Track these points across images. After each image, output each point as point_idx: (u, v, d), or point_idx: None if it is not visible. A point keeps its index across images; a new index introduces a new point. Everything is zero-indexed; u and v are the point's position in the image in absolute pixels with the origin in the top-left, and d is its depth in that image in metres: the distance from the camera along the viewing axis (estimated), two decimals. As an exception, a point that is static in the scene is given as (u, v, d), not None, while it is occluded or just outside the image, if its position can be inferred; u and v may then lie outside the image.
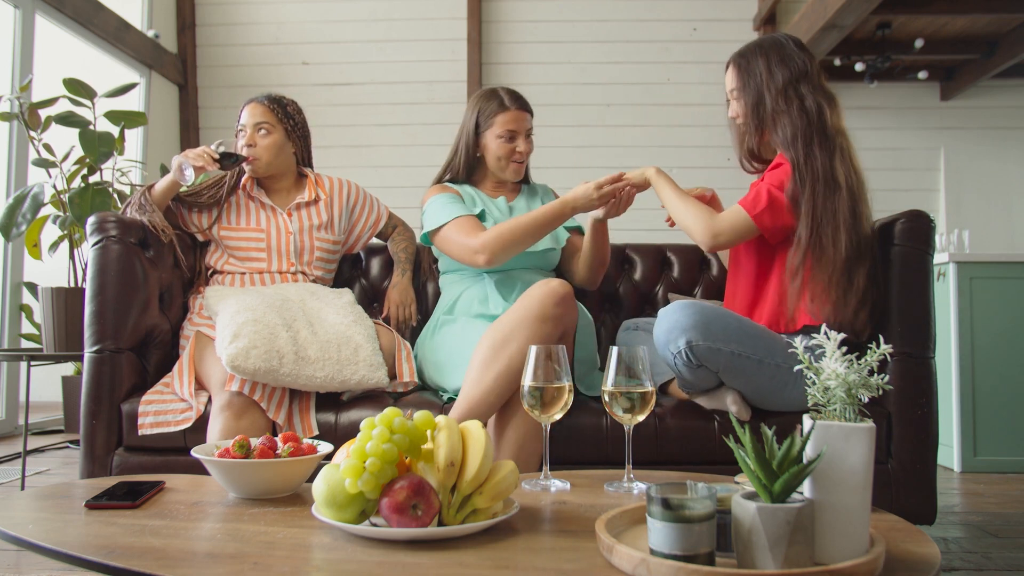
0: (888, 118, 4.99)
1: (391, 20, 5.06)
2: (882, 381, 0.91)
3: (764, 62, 1.79)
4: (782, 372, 1.65)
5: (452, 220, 1.96)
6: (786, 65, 1.77)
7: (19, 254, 3.63)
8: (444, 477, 0.98)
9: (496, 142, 2.04)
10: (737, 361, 1.62)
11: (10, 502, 1.20)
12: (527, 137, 2.08)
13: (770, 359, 1.65)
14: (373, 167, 4.98)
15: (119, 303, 1.83)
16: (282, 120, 2.13)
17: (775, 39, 1.83)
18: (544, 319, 1.61)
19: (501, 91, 2.07)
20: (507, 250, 1.88)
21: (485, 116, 2.05)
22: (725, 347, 1.61)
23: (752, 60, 1.81)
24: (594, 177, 1.92)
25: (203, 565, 0.89)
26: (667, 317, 1.63)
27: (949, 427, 2.96)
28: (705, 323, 1.60)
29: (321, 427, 1.76)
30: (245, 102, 2.14)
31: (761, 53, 1.80)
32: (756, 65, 1.80)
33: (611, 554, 0.86)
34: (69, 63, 4.18)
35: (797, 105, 1.73)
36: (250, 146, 2.09)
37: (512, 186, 2.20)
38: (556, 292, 1.63)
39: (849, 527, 0.85)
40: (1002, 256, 3.01)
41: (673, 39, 5.01)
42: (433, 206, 2.03)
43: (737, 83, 1.84)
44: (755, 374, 1.65)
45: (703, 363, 1.62)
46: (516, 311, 1.63)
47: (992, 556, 1.84)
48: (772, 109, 1.76)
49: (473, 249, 1.89)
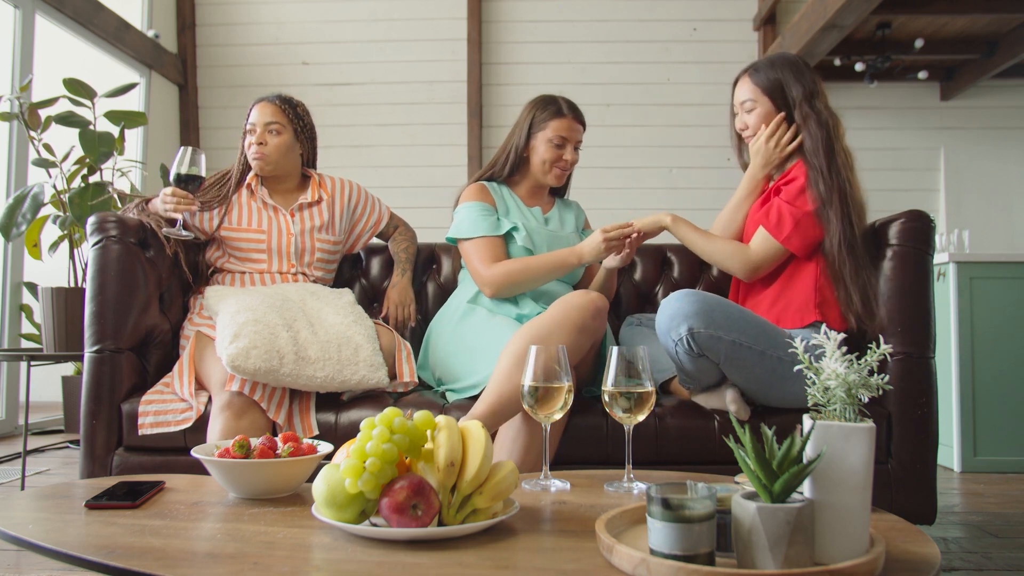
0: (888, 118, 4.99)
1: (391, 20, 5.06)
2: (882, 381, 0.91)
3: (779, 76, 1.86)
4: (784, 365, 1.66)
5: (478, 238, 2.00)
6: (800, 81, 1.84)
7: (19, 254, 3.63)
8: (444, 477, 0.98)
9: (545, 145, 2.06)
10: (738, 351, 1.63)
11: (10, 502, 1.20)
12: (576, 148, 2.10)
13: (772, 351, 1.66)
14: (373, 167, 4.98)
15: (119, 303, 1.83)
16: (292, 121, 2.13)
17: (787, 57, 1.90)
18: (582, 329, 1.65)
19: (561, 99, 2.10)
20: (513, 290, 1.95)
21: (541, 119, 2.07)
22: (727, 335, 1.62)
23: (769, 73, 1.87)
24: (594, 177, 1.93)
25: (203, 565, 0.89)
26: (669, 305, 1.65)
27: (949, 427, 2.96)
28: (707, 311, 1.62)
29: (321, 427, 1.76)
30: (255, 101, 2.14)
31: (776, 68, 1.87)
32: (772, 77, 1.87)
33: (611, 554, 0.86)
34: (69, 63, 4.18)
35: (815, 119, 1.81)
36: (260, 144, 2.09)
37: (547, 197, 2.21)
38: (596, 304, 1.67)
39: (849, 527, 0.85)
40: (1002, 256, 3.01)
41: (673, 39, 5.02)
42: (465, 214, 2.04)
43: (753, 94, 1.89)
44: (756, 365, 1.65)
45: (704, 352, 1.63)
46: (554, 316, 1.65)
47: (992, 556, 1.84)
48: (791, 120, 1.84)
49: (482, 280, 1.96)
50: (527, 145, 2.09)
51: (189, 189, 1.91)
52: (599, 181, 4.81)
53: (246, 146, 2.11)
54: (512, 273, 1.93)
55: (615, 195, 4.84)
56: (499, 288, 1.94)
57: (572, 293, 1.70)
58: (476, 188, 2.09)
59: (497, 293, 1.95)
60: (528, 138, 2.08)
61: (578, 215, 2.23)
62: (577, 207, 2.27)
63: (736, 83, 1.95)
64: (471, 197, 2.07)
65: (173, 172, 1.90)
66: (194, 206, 1.92)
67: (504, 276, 1.93)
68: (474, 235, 2.00)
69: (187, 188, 1.91)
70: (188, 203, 1.90)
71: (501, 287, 1.94)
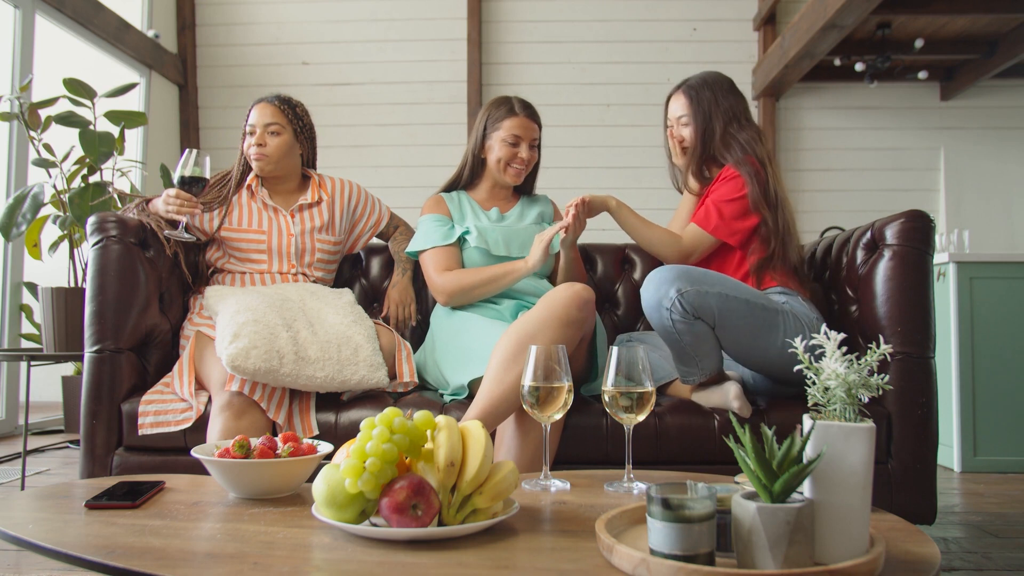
0: (888, 118, 4.99)
1: (391, 20, 5.06)
2: (882, 381, 0.91)
3: (711, 93, 2.02)
4: (770, 313, 1.73)
5: (429, 249, 2.06)
6: (729, 98, 2.03)
7: (19, 254, 3.63)
8: (444, 477, 0.98)
9: (500, 144, 2.10)
10: (727, 303, 1.70)
11: (10, 502, 1.20)
12: (531, 147, 2.13)
13: (755, 300, 1.74)
14: (373, 167, 4.98)
15: (119, 303, 1.83)
16: (292, 121, 2.14)
17: (718, 75, 2.08)
18: (569, 323, 1.64)
19: (514, 99, 2.14)
20: (464, 296, 2.01)
21: (495, 118, 2.11)
22: (712, 289, 1.69)
23: (701, 90, 2.03)
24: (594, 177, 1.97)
25: (203, 565, 0.89)
26: (652, 279, 1.73)
27: (949, 427, 2.96)
28: (688, 272, 1.71)
29: (321, 427, 1.76)
30: (255, 102, 2.14)
31: (707, 85, 2.04)
32: (704, 95, 2.02)
33: (611, 554, 0.86)
34: (69, 63, 4.18)
35: (745, 132, 1.99)
36: (260, 145, 2.09)
37: (509, 196, 2.23)
38: (581, 296, 1.67)
39: (849, 527, 0.85)
40: (1002, 256, 3.01)
41: (673, 39, 5.01)
42: (421, 227, 2.13)
43: (688, 109, 2.04)
44: (746, 315, 1.71)
45: (697, 312, 1.68)
46: (540, 312, 1.65)
47: (992, 556, 1.84)
48: (722, 135, 2.00)
49: (435, 288, 2.04)
50: (483, 147, 2.14)
51: (192, 192, 1.91)
52: (599, 181, 4.82)
53: (246, 147, 2.11)
54: (462, 283, 1.99)
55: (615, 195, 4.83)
56: (451, 295, 2.00)
57: (557, 288, 1.71)
58: (431, 201, 2.17)
59: (450, 300, 2.01)
60: (483, 139, 2.13)
61: (544, 208, 2.25)
62: (545, 200, 2.29)
63: (669, 99, 2.10)
64: (426, 210, 2.16)
65: (177, 174, 1.90)
66: (197, 209, 1.92)
67: (455, 284, 1.99)
68: (427, 246, 2.07)
69: (190, 190, 1.90)
70: (191, 206, 1.90)
71: (453, 294, 1.99)
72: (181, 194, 1.90)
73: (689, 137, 2.05)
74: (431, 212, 2.14)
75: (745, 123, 2.01)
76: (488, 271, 1.99)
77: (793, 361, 1.71)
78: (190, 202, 1.90)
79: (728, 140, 1.99)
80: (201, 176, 1.91)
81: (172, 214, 1.91)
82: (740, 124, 2.00)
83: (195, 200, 1.91)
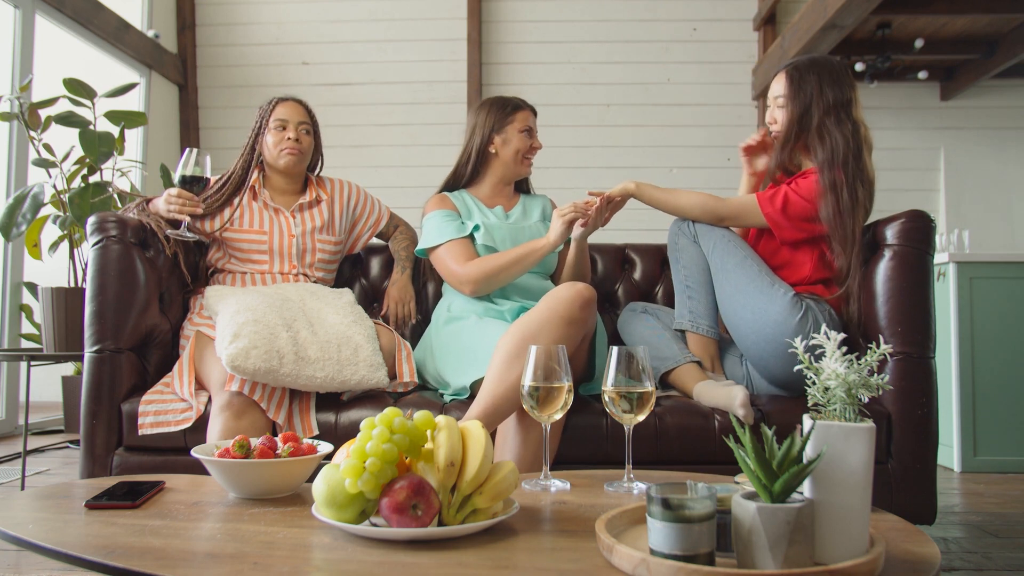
0: (888, 118, 4.99)
1: (391, 20, 5.06)
2: (882, 381, 0.91)
3: (816, 79, 1.88)
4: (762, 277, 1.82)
5: (446, 243, 2.05)
6: (834, 88, 1.87)
7: (19, 254, 3.63)
8: (444, 477, 0.98)
9: (518, 137, 2.14)
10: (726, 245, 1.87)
11: (10, 502, 1.20)
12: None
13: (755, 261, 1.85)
14: (373, 167, 4.98)
15: (119, 303, 1.83)
16: (314, 124, 2.20)
17: (829, 60, 1.93)
18: (571, 322, 1.65)
19: (511, 96, 2.19)
20: (490, 283, 2.00)
21: (503, 115, 2.14)
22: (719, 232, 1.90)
23: (805, 74, 1.89)
24: (594, 177, 1.97)
25: (203, 565, 0.89)
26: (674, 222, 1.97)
27: (949, 427, 2.96)
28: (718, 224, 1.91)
29: (321, 427, 1.76)
30: (277, 99, 2.15)
31: (814, 70, 1.89)
32: (809, 80, 1.88)
33: (611, 554, 0.86)
34: (69, 63, 4.18)
35: (843, 129, 1.84)
36: (297, 141, 2.11)
37: (511, 194, 2.24)
38: (583, 296, 1.67)
39: (849, 527, 0.85)
40: (1002, 256, 3.01)
41: (673, 39, 5.01)
42: (431, 224, 2.11)
43: (787, 91, 1.91)
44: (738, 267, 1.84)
45: (697, 238, 1.89)
46: (542, 311, 1.66)
47: (992, 556, 1.84)
48: (817, 125, 1.86)
49: (459, 279, 2.01)
50: (492, 142, 2.15)
51: (193, 191, 1.91)
52: (599, 181, 4.80)
53: (274, 142, 2.11)
54: (487, 268, 1.98)
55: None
56: (476, 282, 1.98)
57: (559, 287, 1.71)
58: (436, 199, 2.18)
59: (476, 289, 1.99)
60: (491, 136, 2.14)
61: (545, 206, 2.27)
62: (544, 199, 2.30)
63: (775, 76, 1.98)
64: (433, 207, 2.15)
65: (178, 174, 1.90)
66: (198, 208, 1.92)
67: (479, 271, 1.98)
68: (442, 240, 2.06)
69: (191, 190, 1.91)
70: (193, 205, 1.91)
71: (479, 282, 1.98)
72: (183, 193, 1.91)
73: (782, 120, 1.93)
74: (438, 208, 2.13)
75: (844, 117, 1.85)
76: (511, 253, 1.99)
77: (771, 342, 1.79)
78: (192, 201, 1.91)
79: (823, 133, 1.85)
80: (202, 175, 1.91)
81: (174, 214, 1.91)
82: (839, 118, 1.85)
83: (196, 199, 1.92)
